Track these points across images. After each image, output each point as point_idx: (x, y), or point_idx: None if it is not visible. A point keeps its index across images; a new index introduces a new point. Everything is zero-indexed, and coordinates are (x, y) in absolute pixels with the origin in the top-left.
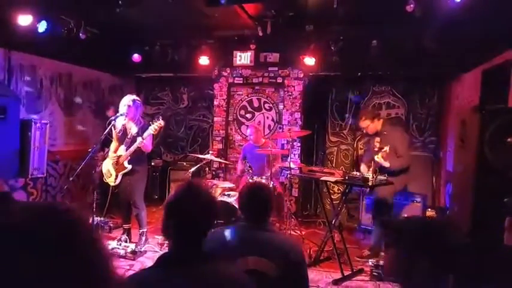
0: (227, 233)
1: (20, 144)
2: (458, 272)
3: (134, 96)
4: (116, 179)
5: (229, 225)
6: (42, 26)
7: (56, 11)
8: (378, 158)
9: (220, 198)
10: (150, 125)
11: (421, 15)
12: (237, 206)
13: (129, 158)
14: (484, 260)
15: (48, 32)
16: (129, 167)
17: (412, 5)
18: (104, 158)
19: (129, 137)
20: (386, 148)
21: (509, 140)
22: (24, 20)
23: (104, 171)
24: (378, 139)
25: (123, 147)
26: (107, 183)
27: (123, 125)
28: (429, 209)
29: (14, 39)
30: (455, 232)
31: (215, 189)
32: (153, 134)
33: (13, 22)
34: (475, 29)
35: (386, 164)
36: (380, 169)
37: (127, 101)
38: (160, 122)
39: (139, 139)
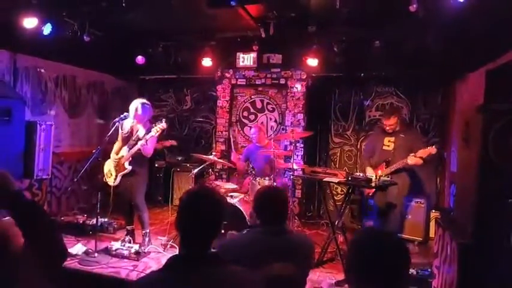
0: (248, 239)
1: (25, 145)
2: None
3: (144, 100)
4: (115, 179)
5: (234, 226)
6: (47, 29)
7: (61, 14)
8: (416, 158)
9: None
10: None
11: (424, 15)
12: (240, 208)
13: (130, 159)
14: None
15: (53, 34)
16: (129, 168)
17: (415, 5)
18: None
19: (133, 138)
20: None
21: None
22: (29, 22)
23: (105, 171)
24: (391, 139)
25: (125, 148)
26: (108, 183)
27: (131, 126)
28: (433, 210)
29: (19, 42)
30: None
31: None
32: (156, 138)
33: (18, 25)
34: (478, 28)
35: (420, 162)
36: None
37: (136, 104)
38: (163, 124)
39: (140, 141)
